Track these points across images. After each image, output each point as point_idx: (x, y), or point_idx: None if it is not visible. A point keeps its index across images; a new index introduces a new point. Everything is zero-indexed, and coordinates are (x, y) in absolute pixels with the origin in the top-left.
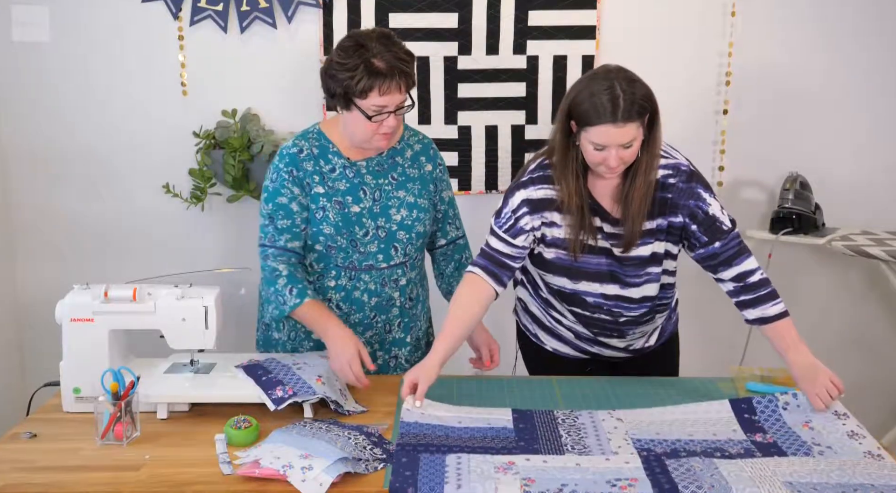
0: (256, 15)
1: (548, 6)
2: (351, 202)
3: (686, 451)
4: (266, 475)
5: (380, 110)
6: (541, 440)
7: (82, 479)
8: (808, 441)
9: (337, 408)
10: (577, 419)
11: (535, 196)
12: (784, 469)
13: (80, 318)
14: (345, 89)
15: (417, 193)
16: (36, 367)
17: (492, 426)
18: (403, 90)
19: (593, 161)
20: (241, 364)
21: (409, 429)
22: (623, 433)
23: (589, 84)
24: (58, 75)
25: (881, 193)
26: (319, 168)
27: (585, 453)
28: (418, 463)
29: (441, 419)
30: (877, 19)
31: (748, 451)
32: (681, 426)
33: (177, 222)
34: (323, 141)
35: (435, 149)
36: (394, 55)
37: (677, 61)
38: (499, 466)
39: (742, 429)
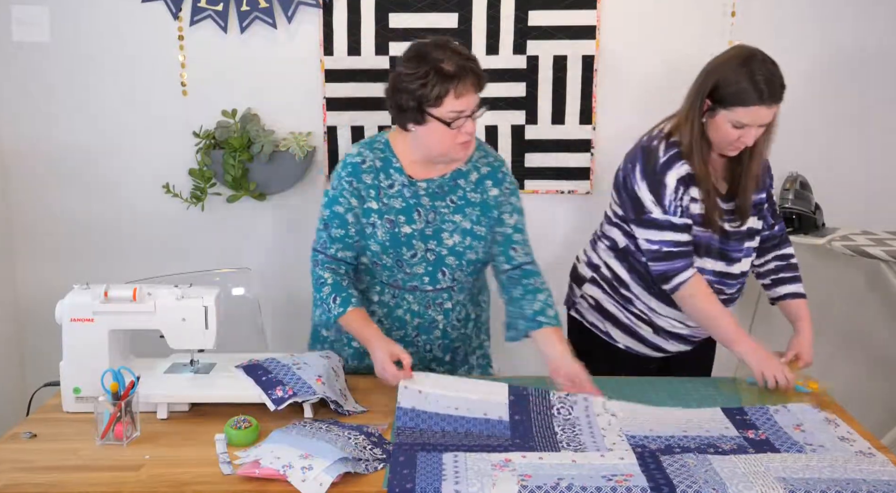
0: (256, 15)
1: (548, 6)
2: (403, 222)
3: (680, 447)
4: (266, 475)
5: (458, 116)
6: (536, 438)
7: (82, 479)
8: (801, 441)
9: (337, 408)
10: (573, 409)
11: (682, 173)
12: (777, 465)
13: (80, 318)
14: (418, 100)
15: (475, 220)
16: (36, 367)
17: (488, 417)
18: (477, 91)
19: (726, 139)
20: (241, 364)
21: (406, 422)
22: (617, 429)
23: (741, 67)
24: (58, 75)
25: (881, 193)
26: (378, 183)
27: (581, 449)
28: (416, 461)
29: (438, 404)
30: (876, 19)
31: (741, 447)
32: (674, 422)
33: (177, 222)
34: (388, 154)
35: (505, 172)
36: (460, 57)
37: (677, 61)
38: (496, 464)
39: (734, 426)
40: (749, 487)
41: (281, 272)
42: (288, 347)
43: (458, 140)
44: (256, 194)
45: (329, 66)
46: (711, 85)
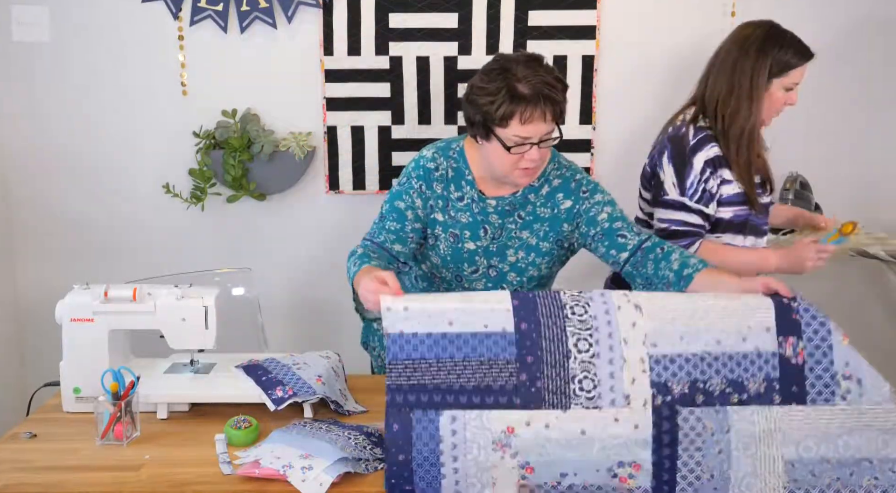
0: (256, 15)
1: (548, 6)
2: (468, 238)
3: (704, 389)
4: (266, 475)
5: (521, 141)
6: (545, 366)
7: (82, 479)
8: (840, 371)
9: (337, 408)
10: (588, 307)
11: (711, 155)
12: (794, 433)
13: (80, 318)
14: (484, 116)
15: (542, 236)
16: (36, 367)
17: (489, 330)
18: (549, 119)
19: (777, 106)
20: (241, 364)
21: (397, 353)
22: (641, 341)
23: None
24: (58, 75)
25: (881, 193)
26: (448, 194)
27: (594, 405)
28: (411, 426)
29: (429, 321)
30: (876, 19)
31: (769, 387)
32: (710, 322)
33: (177, 222)
34: (461, 164)
35: (579, 179)
36: (541, 80)
37: (677, 61)
38: (497, 441)
39: (776, 327)
40: (750, 487)
41: (281, 272)
42: (288, 347)
43: (520, 166)
44: (256, 194)
45: (329, 66)
46: (769, 64)
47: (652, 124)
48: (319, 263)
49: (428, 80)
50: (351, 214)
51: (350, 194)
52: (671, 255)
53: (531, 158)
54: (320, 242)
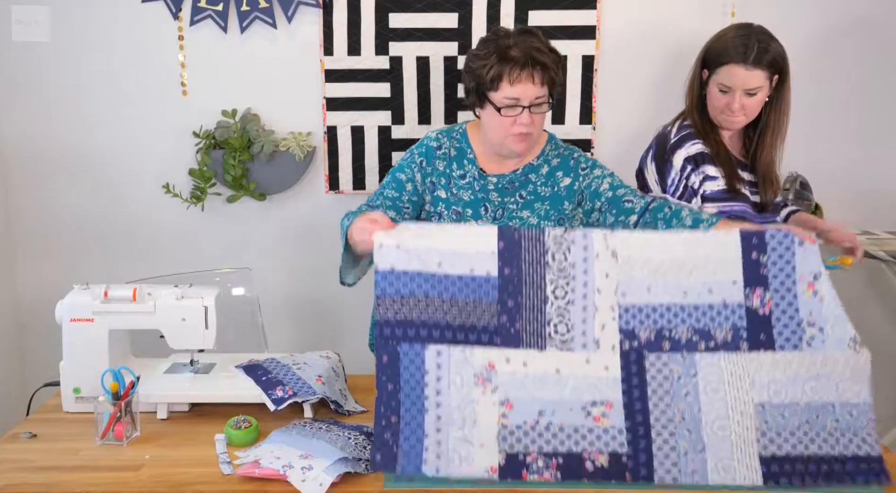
0: (256, 15)
1: (548, 6)
2: (469, 216)
3: (670, 336)
4: (266, 475)
5: (512, 103)
6: (524, 310)
7: (82, 479)
8: (805, 319)
9: (337, 408)
10: (569, 252)
11: (692, 152)
12: (763, 377)
13: (80, 318)
14: (477, 82)
15: (544, 215)
16: (36, 367)
17: (475, 274)
18: (538, 82)
19: (718, 106)
20: (241, 364)
21: (386, 288)
22: (612, 291)
23: (726, 30)
24: (58, 75)
25: (881, 193)
26: (450, 172)
27: (567, 347)
28: (399, 362)
29: (420, 260)
30: (876, 19)
31: (736, 336)
32: (678, 271)
33: (177, 222)
34: (464, 144)
35: (577, 157)
36: (530, 45)
37: (677, 61)
38: (479, 375)
39: (744, 279)
40: (723, 428)
41: (281, 272)
42: (288, 347)
43: (513, 131)
44: (256, 194)
45: (329, 66)
46: (703, 51)
47: (652, 124)
48: (319, 263)
49: (428, 81)
50: None
51: (350, 194)
52: (681, 212)
53: (522, 123)
54: (320, 242)
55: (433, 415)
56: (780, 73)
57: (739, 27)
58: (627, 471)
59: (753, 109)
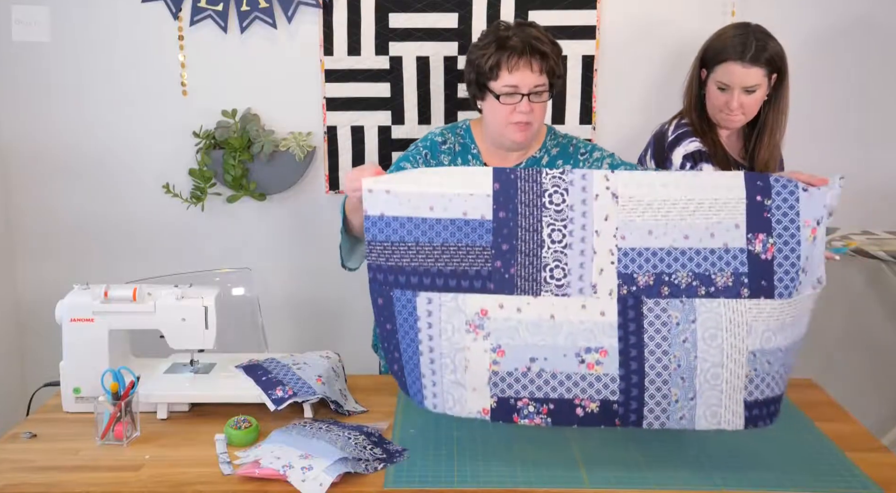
0: (256, 15)
1: (548, 6)
2: None
3: (669, 281)
4: (266, 475)
5: (511, 91)
6: (519, 256)
7: (82, 479)
8: (801, 265)
9: (337, 408)
10: (567, 193)
11: (691, 149)
12: (760, 326)
13: (80, 318)
14: (477, 72)
15: None
16: (36, 367)
17: (468, 217)
18: (537, 70)
19: (716, 105)
20: (241, 364)
21: (376, 235)
22: (611, 234)
23: (725, 29)
24: (58, 75)
25: (881, 193)
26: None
27: (563, 293)
28: (393, 306)
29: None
30: (876, 19)
31: (737, 281)
32: (681, 212)
33: (177, 222)
34: (468, 140)
35: (577, 144)
36: (529, 34)
37: (677, 61)
38: (471, 322)
39: (747, 223)
40: (716, 376)
41: (281, 272)
42: (288, 347)
43: (513, 119)
44: (256, 194)
45: (329, 66)
46: (702, 50)
47: (652, 124)
48: (319, 263)
49: (428, 81)
50: None
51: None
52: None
53: (522, 111)
54: (320, 242)
55: (427, 358)
56: (778, 73)
57: (738, 26)
58: (617, 417)
59: (752, 108)
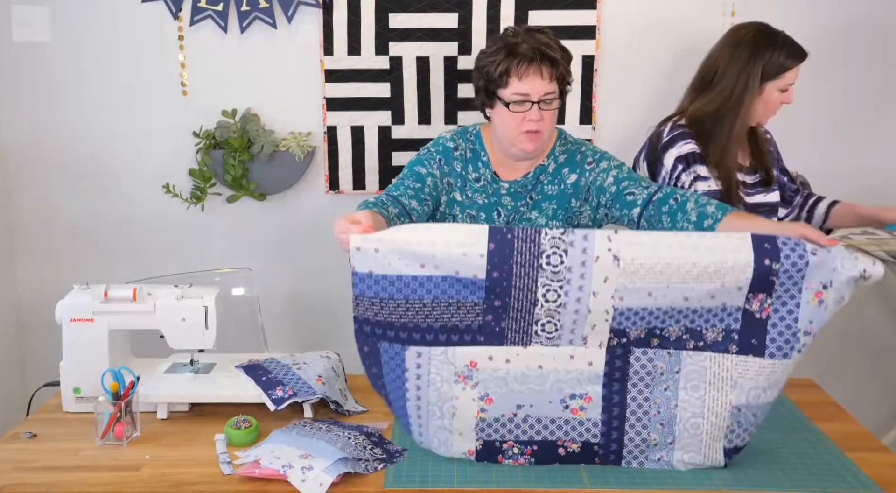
0: (256, 15)
1: (548, 6)
2: (483, 220)
3: (660, 334)
4: (266, 475)
5: (521, 99)
6: (511, 310)
7: (82, 479)
8: (803, 328)
9: (337, 408)
10: (566, 254)
11: (684, 151)
12: (747, 383)
13: (80, 318)
14: (486, 79)
15: (551, 214)
16: (36, 367)
17: (460, 276)
18: (547, 77)
19: (773, 107)
20: (241, 364)
21: (364, 290)
22: (609, 295)
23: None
24: (58, 75)
25: (881, 194)
26: (466, 174)
27: (553, 342)
28: (379, 355)
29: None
30: (876, 19)
31: (727, 337)
32: (684, 277)
33: (177, 222)
34: (478, 146)
35: (584, 152)
36: (538, 40)
37: (677, 61)
38: (460, 374)
39: (749, 287)
40: (696, 426)
41: (281, 272)
42: (288, 347)
43: (523, 128)
44: (256, 194)
45: (329, 66)
46: (760, 65)
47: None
48: (319, 263)
49: (428, 81)
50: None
51: (350, 194)
52: (686, 205)
53: (532, 119)
54: (320, 242)
55: (414, 404)
56: None
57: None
58: (597, 457)
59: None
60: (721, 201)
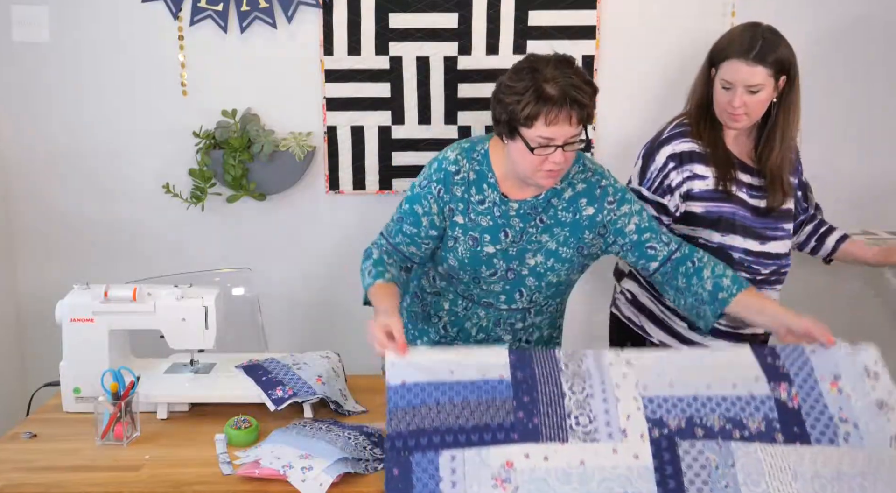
0: (256, 15)
1: (548, 6)
2: (487, 242)
3: (702, 424)
4: (266, 475)
5: (545, 143)
6: (541, 404)
7: (82, 479)
8: (835, 414)
9: (337, 408)
10: (581, 363)
11: (679, 149)
12: (806, 471)
13: (80, 318)
14: (510, 115)
15: (562, 241)
16: (36, 367)
17: (487, 378)
18: (575, 122)
19: (721, 104)
20: (241, 364)
21: (398, 402)
22: (633, 386)
23: (735, 27)
24: (58, 75)
25: (881, 193)
26: (469, 197)
27: (592, 438)
28: (411, 469)
29: (431, 372)
30: (876, 19)
31: (769, 424)
32: (696, 372)
33: (177, 222)
34: (484, 167)
35: (605, 186)
36: (570, 82)
37: (677, 61)
38: (497, 477)
39: (766, 376)
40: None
41: (281, 272)
42: (288, 347)
43: (544, 168)
44: (256, 194)
45: (329, 66)
46: (712, 48)
47: (652, 124)
48: (319, 263)
49: (428, 81)
50: (351, 214)
51: (350, 194)
52: (703, 271)
53: (555, 161)
54: (320, 242)
55: None
56: (787, 76)
57: (748, 25)
58: None
59: (756, 109)
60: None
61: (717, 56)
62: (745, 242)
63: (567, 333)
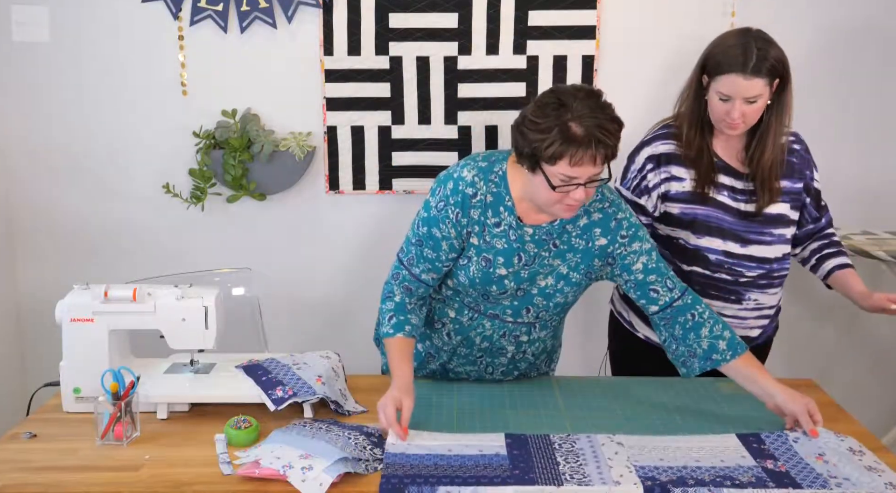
0: (256, 15)
1: (548, 6)
2: (501, 264)
3: (693, 478)
4: (266, 475)
5: (568, 181)
6: (537, 469)
7: (82, 479)
8: (824, 474)
9: (337, 408)
10: (575, 444)
11: (658, 151)
12: None
13: (80, 318)
14: (533, 151)
15: (573, 266)
16: (36, 367)
17: (484, 453)
18: (599, 163)
19: (718, 114)
20: (241, 364)
21: (395, 459)
22: (625, 459)
23: (725, 37)
24: (58, 75)
25: (881, 193)
26: (484, 219)
27: (586, 483)
28: None
29: (430, 449)
30: (876, 19)
31: (760, 479)
32: (686, 452)
33: (177, 222)
34: (502, 189)
35: (620, 219)
36: (597, 122)
37: (677, 61)
38: None
39: (751, 455)
40: None
41: (281, 272)
42: (288, 347)
43: (564, 202)
44: (256, 194)
45: (329, 66)
46: (703, 57)
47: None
48: (319, 263)
49: (428, 80)
50: (351, 214)
51: (350, 194)
52: (701, 329)
53: (576, 198)
54: (320, 242)
55: None
56: (780, 78)
57: (738, 34)
58: None
59: (753, 116)
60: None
61: (712, 69)
62: (724, 245)
63: (568, 333)
